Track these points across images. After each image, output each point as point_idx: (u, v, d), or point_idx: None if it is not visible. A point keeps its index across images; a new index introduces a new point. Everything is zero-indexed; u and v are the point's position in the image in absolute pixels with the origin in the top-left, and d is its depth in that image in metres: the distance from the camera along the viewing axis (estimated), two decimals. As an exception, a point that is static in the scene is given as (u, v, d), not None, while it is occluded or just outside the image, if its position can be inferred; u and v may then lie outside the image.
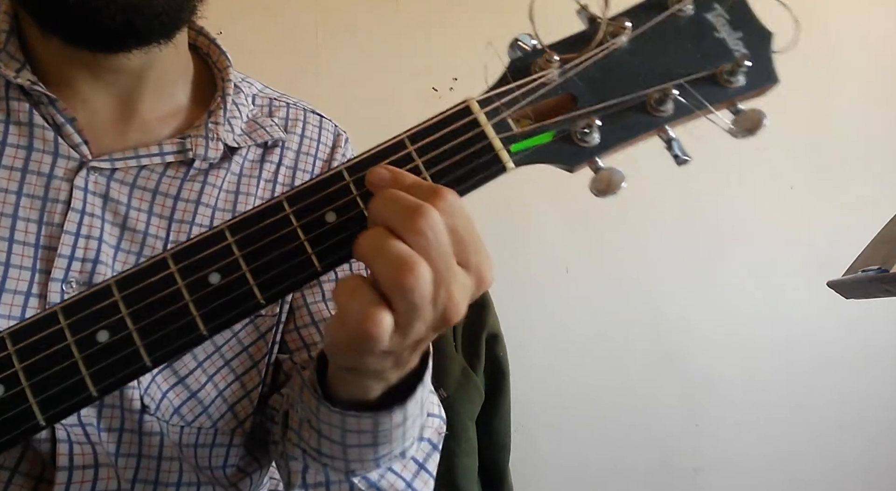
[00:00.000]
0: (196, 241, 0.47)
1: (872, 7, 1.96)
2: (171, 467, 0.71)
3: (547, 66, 0.49)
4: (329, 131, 0.85)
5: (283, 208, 0.48)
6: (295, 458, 0.67)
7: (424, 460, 0.69)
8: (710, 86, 0.50)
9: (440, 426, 0.72)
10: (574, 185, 0.53)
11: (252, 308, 0.47)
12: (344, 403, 0.56)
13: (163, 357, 0.47)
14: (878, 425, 1.94)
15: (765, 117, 0.49)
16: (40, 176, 0.67)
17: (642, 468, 1.87)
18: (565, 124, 0.49)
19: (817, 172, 1.93)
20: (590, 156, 0.50)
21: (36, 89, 0.67)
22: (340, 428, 0.58)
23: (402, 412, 0.56)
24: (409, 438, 0.61)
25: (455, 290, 0.45)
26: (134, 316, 0.46)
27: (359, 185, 0.48)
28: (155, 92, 0.73)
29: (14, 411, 0.46)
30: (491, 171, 0.49)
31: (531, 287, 1.81)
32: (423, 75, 1.72)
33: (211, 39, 0.80)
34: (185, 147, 0.72)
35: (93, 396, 0.46)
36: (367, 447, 0.59)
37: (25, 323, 0.46)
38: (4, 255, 0.65)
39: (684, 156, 0.50)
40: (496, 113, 0.49)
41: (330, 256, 0.47)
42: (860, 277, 0.96)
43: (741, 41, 0.51)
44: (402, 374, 0.54)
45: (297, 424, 0.64)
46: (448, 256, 0.44)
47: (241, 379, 0.75)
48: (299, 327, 0.78)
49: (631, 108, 0.50)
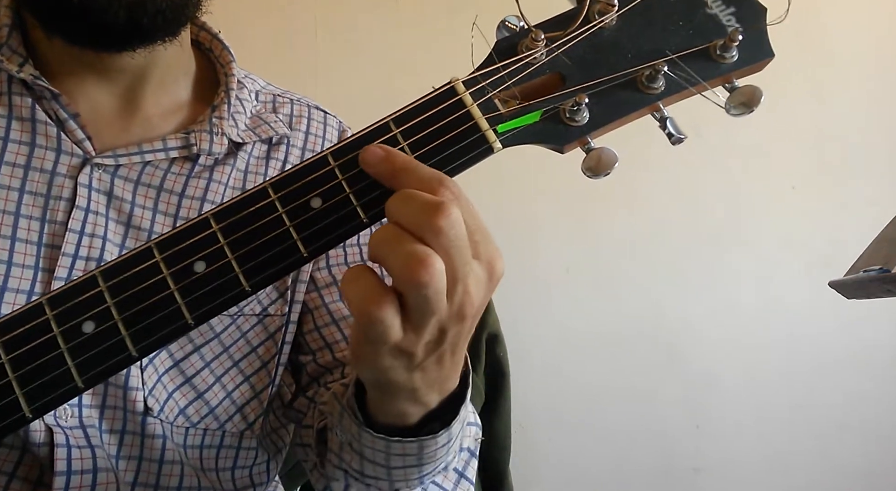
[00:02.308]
0: (181, 230, 0.47)
1: (873, 7, 1.96)
2: (171, 471, 0.70)
3: (534, 46, 0.49)
4: (334, 127, 0.85)
5: (268, 195, 0.47)
6: (336, 479, 0.65)
7: (464, 468, 0.69)
8: (703, 61, 0.49)
9: (476, 433, 0.71)
10: (574, 185, 0.52)
11: (238, 296, 0.47)
12: (386, 428, 0.55)
13: (149, 347, 0.46)
14: (879, 426, 1.93)
15: (762, 94, 0.48)
16: (43, 173, 0.66)
17: (643, 469, 1.87)
18: (553, 103, 0.49)
19: (818, 172, 1.92)
20: (579, 135, 0.49)
21: (39, 84, 0.66)
22: (385, 452, 0.57)
23: (447, 434, 0.56)
24: (452, 453, 0.60)
25: (471, 283, 0.45)
26: (119, 306, 0.46)
27: (343, 170, 0.47)
28: (158, 88, 0.73)
29: (0, 404, 0.45)
30: (478, 153, 0.48)
31: (532, 287, 1.81)
32: (422, 74, 1.71)
33: (213, 34, 0.80)
34: (190, 142, 0.71)
35: (79, 388, 0.46)
36: (412, 468, 0.58)
37: (11, 315, 0.46)
38: (7, 253, 0.64)
39: (679, 134, 0.49)
40: (482, 93, 0.49)
41: (315, 242, 0.47)
42: (861, 278, 0.95)
43: (734, 16, 0.50)
44: (442, 397, 0.53)
45: (338, 447, 0.63)
46: (466, 251, 0.44)
47: (250, 380, 0.75)
48: (320, 327, 0.78)
49: (621, 85, 0.49)
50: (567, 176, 0.46)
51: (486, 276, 0.46)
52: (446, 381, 0.52)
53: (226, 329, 0.73)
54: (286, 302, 0.76)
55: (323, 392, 0.75)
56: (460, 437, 0.60)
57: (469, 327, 0.48)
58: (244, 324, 0.74)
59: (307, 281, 0.78)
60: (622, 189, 1.80)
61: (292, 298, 0.77)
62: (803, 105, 1.90)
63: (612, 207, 1.82)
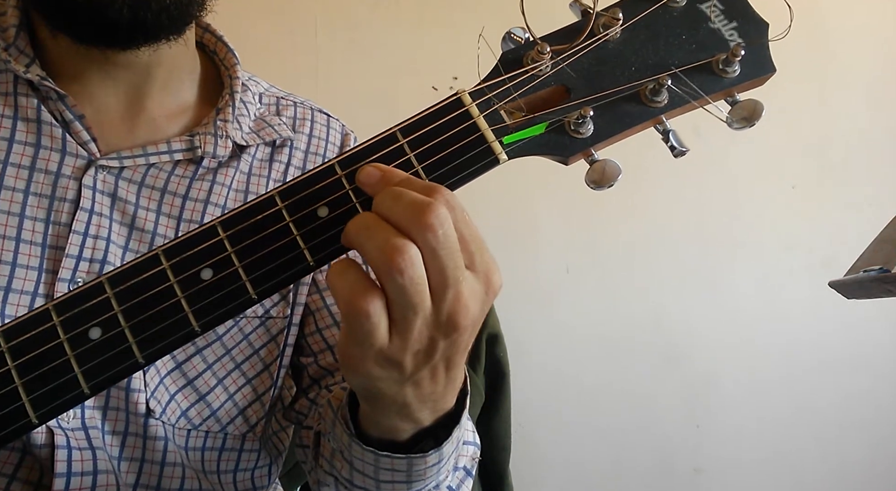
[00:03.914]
0: (188, 237, 0.47)
1: (873, 7, 1.96)
2: (173, 473, 0.70)
3: (539, 58, 0.49)
4: (337, 131, 0.85)
5: (276, 203, 0.47)
6: (327, 484, 0.66)
7: (458, 487, 0.68)
8: (706, 75, 0.50)
9: (474, 453, 0.71)
10: (575, 185, 0.52)
11: (245, 303, 0.47)
12: (377, 442, 0.55)
13: (155, 354, 0.46)
14: (880, 426, 1.93)
15: (763, 108, 0.48)
16: (48, 174, 0.66)
17: (643, 469, 1.87)
18: (558, 115, 0.49)
19: (819, 172, 1.93)
20: (584, 147, 0.49)
21: (45, 85, 0.66)
22: (374, 465, 0.57)
23: (438, 454, 0.55)
24: (444, 473, 0.60)
25: (464, 290, 0.44)
26: (126, 313, 0.46)
27: (351, 180, 0.47)
28: (163, 89, 0.73)
29: (6, 409, 0.46)
30: (483, 164, 0.48)
31: (532, 287, 1.80)
32: (423, 74, 1.71)
33: (218, 37, 0.80)
34: (194, 145, 0.71)
35: (85, 394, 0.46)
36: (400, 483, 0.58)
37: (18, 321, 0.46)
38: (11, 254, 0.64)
39: (681, 147, 0.50)
40: (488, 105, 0.49)
41: (322, 251, 0.47)
42: (862, 278, 0.95)
43: (736, 31, 0.50)
44: (436, 415, 0.53)
45: (330, 453, 0.63)
46: (457, 255, 0.43)
47: (252, 382, 0.75)
48: (321, 329, 0.78)
49: (625, 98, 0.49)
50: (568, 176, 0.47)
51: (482, 288, 0.46)
52: (441, 399, 0.52)
53: (228, 331, 0.73)
54: (288, 304, 0.76)
55: (324, 394, 0.75)
56: (454, 457, 0.60)
57: (465, 341, 0.47)
58: (246, 326, 0.74)
59: (309, 283, 0.78)
60: (623, 190, 1.78)
61: (294, 300, 0.77)
62: (804, 105, 1.90)
63: (613, 208, 1.82)
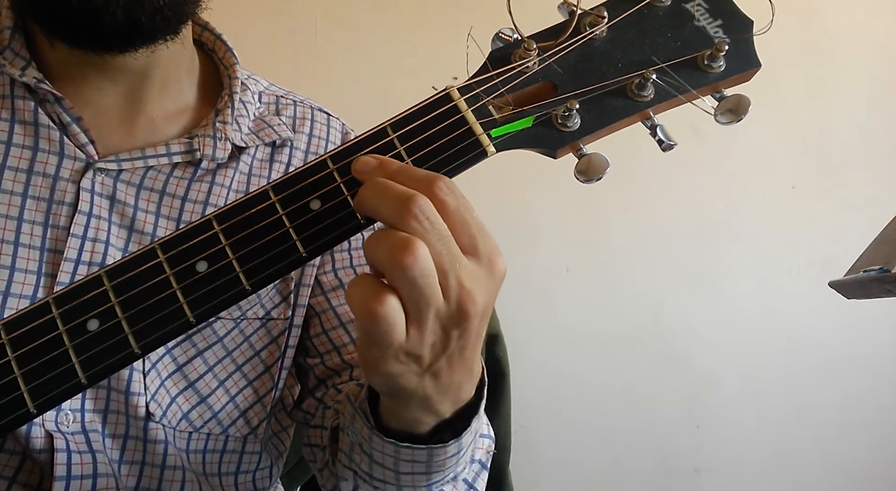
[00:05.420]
0: (184, 231, 0.48)
1: (873, 7, 1.96)
2: (173, 477, 0.70)
3: (526, 55, 0.50)
4: (337, 130, 0.84)
5: (269, 197, 0.48)
6: (346, 479, 0.66)
7: (474, 480, 0.69)
8: (691, 70, 0.51)
9: (489, 446, 0.71)
10: (575, 185, 0.53)
11: (239, 295, 0.48)
12: (397, 434, 0.56)
13: (151, 344, 0.47)
14: (879, 426, 1.93)
15: (749, 102, 0.49)
16: (46, 177, 0.66)
17: (642, 469, 1.87)
18: (545, 109, 0.50)
19: (819, 172, 1.92)
20: (571, 140, 0.50)
21: (42, 87, 0.66)
22: (394, 457, 0.57)
23: (457, 445, 0.56)
24: (462, 464, 0.60)
25: (464, 276, 0.44)
26: (123, 304, 0.47)
27: (342, 173, 0.48)
28: (161, 90, 0.72)
29: (5, 399, 0.46)
30: (472, 156, 0.49)
31: (531, 287, 1.81)
32: (422, 74, 1.71)
33: (217, 35, 0.79)
34: (193, 147, 0.71)
35: (82, 384, 0.47)
36: (420, 475, 0.58)
37: (17, 314, 0.47)
38: (10, 258, 0.64)
39: (669, 141, 0.51)
40: (476, 99, 0.50)
41: (314, 242, 0.48)
42: (862, 278, 0.95)
43: (721, 28, 0.52)
44: (456, 406, 0.53)
45: (349, 447, 0.63)
46: (448, 240, 0.44)
47: (253, 384, 0.74)
48: (327, 330, 0.77)
49: (611, 93, 0.50)
50: (567, 176, 0.48)
51: (485, 273, 0.46)
52: (460, 389, 0.52)
53: (229, 333, 0.73)
54: (289, 306, 0.76)
55: (334, 393, 0.75)
56: (471, 448, 0.60)
57: (476, 329, 0.47)
58: (247, 328, 0.74)
59: (311, 285, 0.78)
60: (623, 189, 1.80)
61: (295, 301, 0.76)
62: (803, 104, 1.90)
63: (613, 208, 1.82)
